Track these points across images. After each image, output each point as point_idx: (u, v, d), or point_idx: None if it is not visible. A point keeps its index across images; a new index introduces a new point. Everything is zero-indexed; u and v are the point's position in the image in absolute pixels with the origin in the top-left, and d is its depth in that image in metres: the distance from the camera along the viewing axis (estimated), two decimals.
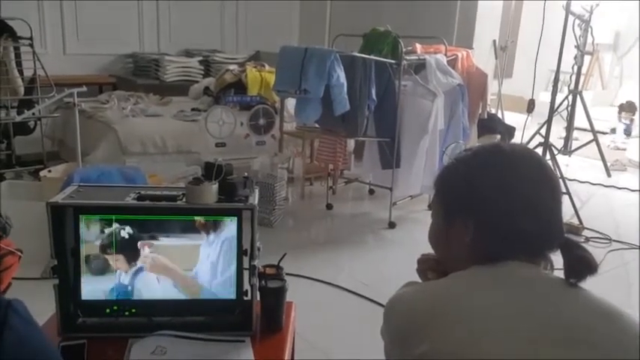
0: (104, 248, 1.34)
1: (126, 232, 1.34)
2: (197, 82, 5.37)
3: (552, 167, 0.98)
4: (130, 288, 1.38)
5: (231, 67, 4.88)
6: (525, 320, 0.81)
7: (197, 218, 1.36)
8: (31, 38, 3.91)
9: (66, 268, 1.35)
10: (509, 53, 6.55)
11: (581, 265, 0.88)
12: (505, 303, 0.83)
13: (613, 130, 6.68)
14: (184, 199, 1.34)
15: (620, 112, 6.72)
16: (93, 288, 1.36)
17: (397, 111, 3.52)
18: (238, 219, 1.37)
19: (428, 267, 1.11)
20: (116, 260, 1.35)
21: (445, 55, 3.90)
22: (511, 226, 0.90)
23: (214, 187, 1.33)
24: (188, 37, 5.96)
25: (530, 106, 4.22)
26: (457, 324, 0.82)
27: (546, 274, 0.89)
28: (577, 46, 4.26)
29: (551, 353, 0.78)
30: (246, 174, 1.43)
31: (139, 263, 1.36)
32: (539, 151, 4.00)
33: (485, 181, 0.92)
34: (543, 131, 4.12)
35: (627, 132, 6.53)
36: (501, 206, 0.90)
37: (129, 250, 1.35)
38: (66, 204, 1.32)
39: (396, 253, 3.31)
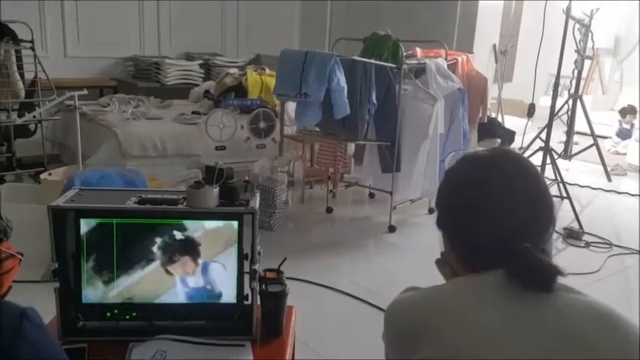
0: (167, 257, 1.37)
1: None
2: (197, 85, 5.39)
3: (539, 171, 0.96)
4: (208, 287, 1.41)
5: (232, 70, 4.89)
6: (520, 327, 0.81)
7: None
8: (32, 41, 3.91)
9: (66, 271, 1.35)
10: (509, 57, 6.57)
11: (537, 277, 0.84)
12: (500, 311, 0.83)
13: (623, 134, 6.62)
14: (185, 203, 1.35)
15: (624, 116, 6.69)
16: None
17: (397, 115, 3.52)
18: (239, 223, 1.37)
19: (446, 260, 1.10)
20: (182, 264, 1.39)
21: (445, 59, 3.91)
22: (490, 236, 0.89)
23: (215, 190, 1.33)
24: (189, 40, 5.97)
25: (531, 111, 4.23)
26: (455, 331, 0.82)
27: None
28: (577, 51, 4.27)
29: (546, 358, 0.78)
30: (247, 178, 1.43)
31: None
32: (540, 155, 4.00)
33: (459, 195, 0.94)
34: (543, 135, 4.12)
35: (628, 136, 6.52)
36: (477, 219, 0.90)
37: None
38: (67, 207, 1.32)
39: (396, 257, 3.31)
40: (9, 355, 0.74)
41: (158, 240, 1.36)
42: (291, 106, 4.04)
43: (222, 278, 1.40)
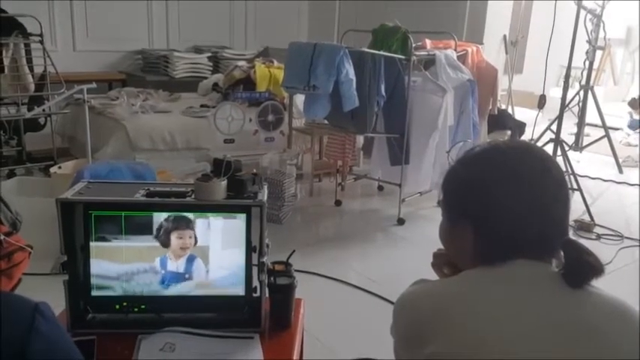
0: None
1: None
2: (206, 78, 5.38)
3: (558, 163, 0.95)
4: (187, 275, 1.40)
5: (240, 63, 4.88)
6: (532, 321, 0.81)
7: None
8: (41, 35, 3.92)
9: (76, 263, 1.36)
10: (519, 48, 6.51)
11: (583, 269, 0.85)
12: (512, 303, 0.83)
13: (634, 125, 6.52)
14: (193, 196, 1.34)
15: (635, 108, 6.58)
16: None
17: (407, 107, 3.50)
18: (247, 215, 1.37)
19: (443, 261, 1.10)
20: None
21: (455, 50, 3.87)
22: (511, 228, 0.88)
23: (223, 183, 1.33)
24: (197, 33, 5.97)
25: (541, 102, 4.18)
26: (465, 325, 0.81)
27: (553, 273, 0.88)
28: (588, 41, 4.21)
29: (556, 353, 0.78)
30: (254, 170, 1.43)
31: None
32: (550, 147, 3.97)
33: (480, 185, 0.91)
34: (554, 127, 4.08)
35: (634, 127, 6.43)
36: (499, 209, 0.89)
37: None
38: (76, 200, 1.33)
39: (405, 249, 3.30)
40: (21, 348, 0.75)
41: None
42: (299, 99, 4.03)
43: (231, 270, 1.40)
